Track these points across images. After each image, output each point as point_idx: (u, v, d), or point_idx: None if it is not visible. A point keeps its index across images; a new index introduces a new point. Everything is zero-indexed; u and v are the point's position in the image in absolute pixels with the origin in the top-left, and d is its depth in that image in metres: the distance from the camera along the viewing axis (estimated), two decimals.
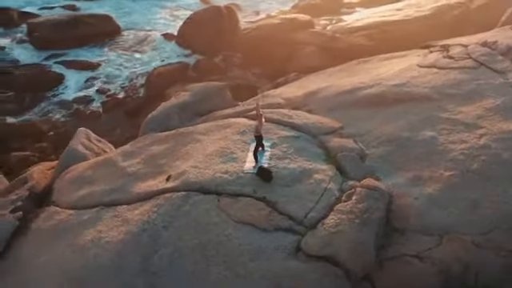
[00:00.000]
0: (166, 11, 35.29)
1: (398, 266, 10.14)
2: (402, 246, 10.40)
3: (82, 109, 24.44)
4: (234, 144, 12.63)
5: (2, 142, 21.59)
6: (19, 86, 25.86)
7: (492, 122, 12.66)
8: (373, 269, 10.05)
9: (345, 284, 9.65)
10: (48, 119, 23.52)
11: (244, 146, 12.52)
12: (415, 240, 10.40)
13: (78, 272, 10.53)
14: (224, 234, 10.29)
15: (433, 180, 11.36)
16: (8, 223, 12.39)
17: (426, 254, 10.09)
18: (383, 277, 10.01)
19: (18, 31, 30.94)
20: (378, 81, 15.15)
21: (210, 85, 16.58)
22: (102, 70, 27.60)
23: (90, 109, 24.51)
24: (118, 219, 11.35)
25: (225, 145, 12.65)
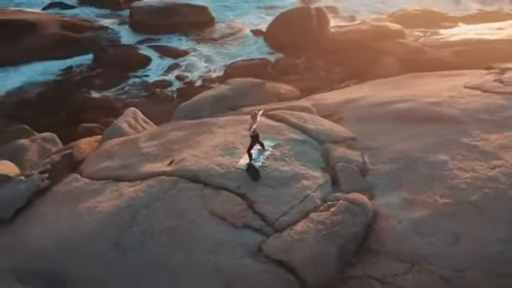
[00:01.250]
0: (261, 8, 35.99)
1: (359, 286, 9.79)
2: (370, 267, 9.96)
3: (158, 92, 25.88)
4: (240, 139, 12.82)
5: (79, 113, 23.64)
6: (110, 64, 27.99)
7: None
8: (334, 283, 9.79)
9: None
10: (125, 97, 25.25)
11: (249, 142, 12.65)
12: (385, 263, 9.90)
13: (66, 234, 11.40)
14: (194, 222, 10.58)
15: (424, 205, 10.71)
16: (32, 183, 13.67)
17: (390, 279, 9.58)
18: None
19: (123, 14, 33.37)
20: (414, 96, 14.48)
21: (249, 81, 16.84)
22: (186, 58, 28.96)
23: (166, 93, 25.87)
24: (115, 193, 12.08)
25: (232, 139, 12.90)
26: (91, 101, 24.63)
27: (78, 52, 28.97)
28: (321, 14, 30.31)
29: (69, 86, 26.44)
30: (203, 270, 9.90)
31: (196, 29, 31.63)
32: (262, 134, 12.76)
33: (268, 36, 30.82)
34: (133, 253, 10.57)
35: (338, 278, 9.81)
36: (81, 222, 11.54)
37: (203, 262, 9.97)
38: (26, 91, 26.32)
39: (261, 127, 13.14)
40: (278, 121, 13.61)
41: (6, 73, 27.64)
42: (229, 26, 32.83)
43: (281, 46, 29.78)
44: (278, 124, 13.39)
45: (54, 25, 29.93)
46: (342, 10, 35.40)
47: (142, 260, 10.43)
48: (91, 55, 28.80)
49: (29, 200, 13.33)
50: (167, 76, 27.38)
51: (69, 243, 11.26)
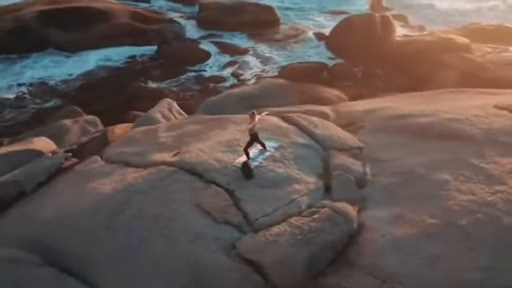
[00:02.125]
0: (328, 12, 35.68)
1: None
2: (344, 278, 9.79)
3: (211, 87, 26.47)
4: (247, 138, 12.88)
5: (133, 100, 24.69)
6: (171, 56, 28.99)
7: None
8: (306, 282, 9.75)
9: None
10: (178, 90, 26.06)
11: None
12: (358, 277, 9.69)
13: (67, 210, 12.04)
14: (179, 212, 10.85)
15: (411, 223, 10.33)
16: (55, 160, 14.54)
17: None
18: None
19: (192, 9, 34.38)
20: (437, 112, 13.90)
21: (276, 81, 16.87)
22: (245, 56, 29.38)
23: (218, 88, 26.41)
24: (120, 177, 12.60)
25: (239, 137, 13.02)
26: (146, 90, 25.64)
27: (144, 42, 30.22)
28: (386, 21, 29.65)
29: (129, 74, 27.68)
30: (177, 259, 10.17)
31: (260, 28, 31.96)
32: (268, 135, 12.89)
33: (330, 40, 30.59)
34: (121, 235, 11.00)
35: (308, 285, 9.76)
36: (81, 201, 12.13)
37: (179, 251, 10.24)
38: (89, 75, 27.85)
39: (271, 128, 13.28)
40: (290, 123, 13.59)
41: (77, 57, 29.38)
42: (293, 27, 32.89)
43: (341, 51, 29.46)
44: (288, 126, 13.38)
45: (125, 15, 31.40)
46: (412, 19, 34.35)
47: (128, 243, 10.87)
48: (155, 46, 29.92)
49: (50, 176, 14.19)
50: (223, 72, 27.93)
51: (68, 219, 11.86)
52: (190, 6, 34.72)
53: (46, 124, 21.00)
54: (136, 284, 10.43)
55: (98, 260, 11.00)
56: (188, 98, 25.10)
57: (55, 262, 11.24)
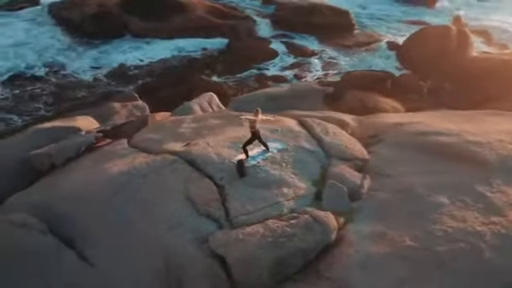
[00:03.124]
0: (408, 22, 34.48)
1: None
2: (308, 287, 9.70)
3: (270, 86, 26.60)
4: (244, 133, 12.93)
5: (192, 91, 25.43)
6: (240, 52, 29.53)
7: None
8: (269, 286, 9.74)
9: (221, 284, 9.69)
10: (238, 86, 26.48)
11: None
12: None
13: (80, 185, 12.80)
14: (166, 199, 11.23)
15: (390, 242, 9.93)
16: (86, 138, 15.44)
17: None
18: None
19: (270, 8, 34.71)
20: (462, 132, 13.20)
21: (308, 85, 16.69)
22: (312, 59, 29.25)
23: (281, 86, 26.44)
24: (130, 160, 13.18)
25: (243, 135, 13.06)
26: (206, 82, 26.32)
27: (217, 36, 31.00)
28: (463, 36, 28.22)
29: (196, 65, 28.59)
30: (154, 244, 10.53)
31: (333, 32, 31.63)
32: (276, 136, 12.91)
33: (401, 50, 29.64)
34: (114, 214, 11.56)
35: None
36: (93, 178, 12.87)
37: (157, 236, 10.59)
38: (161, 63, 29.08)
39: (282, 129, 13.25)
40: (304, 127, 13.50)
41: (153, 45, 30.77)
42: (367, 34, 32.21)
43: (411, 62, 28.47)
44: (300, 130, 13.31)
45: (202, 8, 32.41)
46: (497, 38, 32.35)
47: (119, 222, 11.39)
48: (227, 41, 30.61)
49: (80, 152, 15.12)
50: (286, 72, 28.01)
51: (77, 194, 12.61)
52: (269, 4, 35.07)
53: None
54: (120, 263, 10.92)
55: (94, 235, 11.62)
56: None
57: (59, 231, 11.96)
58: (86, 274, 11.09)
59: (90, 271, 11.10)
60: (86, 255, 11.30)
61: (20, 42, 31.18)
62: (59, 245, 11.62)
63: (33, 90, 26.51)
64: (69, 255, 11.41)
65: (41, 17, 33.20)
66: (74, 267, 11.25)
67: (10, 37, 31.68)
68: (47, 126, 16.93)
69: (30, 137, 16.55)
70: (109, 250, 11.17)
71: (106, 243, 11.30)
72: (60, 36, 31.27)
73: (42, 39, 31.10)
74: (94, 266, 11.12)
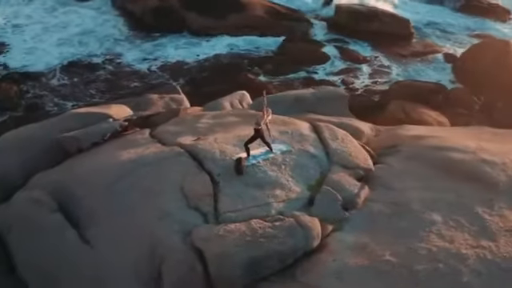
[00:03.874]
0: (472, 35, 33.01)
1: None
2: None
3: None
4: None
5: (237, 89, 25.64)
6: (291, 54, 29.58)
7: None
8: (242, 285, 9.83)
9: (197, 279, 9.87)
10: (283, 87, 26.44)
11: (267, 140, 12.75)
12: None
13: (95, 168, 13.32)
14: (162, 189, 11.51)
15: (370, 255, 9.72)
16: (112, 125, 16.02)
17: None
18: None
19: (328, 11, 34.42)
20: (478, 151, 12.61)
21: (333, 90, 16.44)
22: (363, 66, 28.78)
23: None
24: (143, 149, 13.57)
25: (241, 133, 13.12)
26: (251, 81, 26.51)
27: (271, 36, 31.16)
28: None
29: (246, 64, 28.91)
30: (144, 231, 10.87)
31: (389, 40, 30.85)
32: (284, 138, 12.90)
33: (457, 63, 28.51)
34: (116, 199, 12.03)
35: (245, 286, 9.81)
36: (106, 163, 13.38)
37: (147, 224, 10.92)
38: (214, 60, 29.65)
39: (291, 131, 13.21)
40: (315, 131, 13.39)
41: (208, 42, 31.39)
42: (425, 44, 31.18)
43: (466, 76, 27.31)
44: (309, 134, 13.20)
45: (260, 8, 32.68)
46: None
47: (119, 208, 11.83)
48: (280, 42, 30.72)
49: (105, 138, 15.72)
50: (334, 77, 27.74)
51: (90, 176, 13.18)
52: (327, 7, 34.81)
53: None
54: (115, 247, 11.35)
55: (96, 217, 12.15)
56: None
57: (67, 211, 12.59)
58: (85, 255, 11.62)
59: (89, 252, 11.62)
60: (87, 236, 11.84)
61: (86, 30, 32.74)
62: (64, 224, 12.24)
63: (89, 77, 27.81)
64: (71, 234, 11.99)
65: (105, 7, 34.69)
66: (75, 247, 11.81)
67: (78, 25, 33.34)
68: (81, 111, 17.75)
69: (64, 120, 17.39)
70: (107, 232, 11.64)
71: (105, 226, 11.79)
72: (121, 27, 32.57)
73: (105, 29, 32.52)
74: (93, 247, 11.64)
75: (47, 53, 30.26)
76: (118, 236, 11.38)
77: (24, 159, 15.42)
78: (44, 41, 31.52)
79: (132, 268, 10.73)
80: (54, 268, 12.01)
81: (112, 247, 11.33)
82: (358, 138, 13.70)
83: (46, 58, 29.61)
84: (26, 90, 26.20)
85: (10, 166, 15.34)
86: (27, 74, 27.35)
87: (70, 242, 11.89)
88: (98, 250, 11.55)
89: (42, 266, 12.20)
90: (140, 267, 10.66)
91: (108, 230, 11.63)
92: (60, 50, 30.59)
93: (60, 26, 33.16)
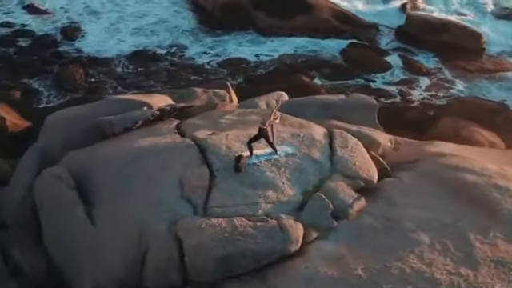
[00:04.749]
0: None
1: None
2: None
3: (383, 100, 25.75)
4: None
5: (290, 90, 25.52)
6: (353, 59, 28.98)
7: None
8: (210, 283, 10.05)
9: (174, 267, 10.23)
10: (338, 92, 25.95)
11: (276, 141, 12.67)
12: None
13: (111, 152, 13.95)
14: (162, 178, 11.87)
15: (342, 267, 9.58)
16: (144, 113, 16.60)
17: None
18: None
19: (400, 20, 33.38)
20: (495, 175, 11.98)
21: (363, 98, 15.99)
22: (424, 78, 27.67)
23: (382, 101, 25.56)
24: (159, 138, 13.88)
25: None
26: (305, 83, 26.20)
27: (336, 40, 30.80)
28: None
29: (304, 65, 28.73)
30: (137, 216, 11.31)
31: (457, 53, 29.20)
32: (294, 141, 12.84)
33: None
34: (122, 182, 12.53)
35: (216, 281, 10.00)
36: (125, 147, 13.95)
37: (141, 210, 11.36)
38: (273, 60, 29.67)
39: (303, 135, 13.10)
40: (329, 137, 13.24)
41: (271, 42, 31.41)
42: (496, 61, 29.28)
43: None
44: (321, 140, 13.01)
45: (328, 12, 32.27)
46: None
47: (123, 191, 12.33)
48: (343, 47, 30.28)
49: (136, 125, 16.34)
50: (392, 87, 26.88)
51: (108, 158, 13.82)
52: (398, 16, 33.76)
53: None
54: (112, 227, 11.89)
55: (102, 197, 12.77)
56: None
57: (83, 189, 13.25)
58: (87, 232, 12.25)
59: (91, 229, 12.24)
60: (93, 215, 12.46)
61: (159, 21, 33.79)
62: (77, 201, 12.86)
63: (151, 67, 28.74)
64: (81, 212, 12.59)
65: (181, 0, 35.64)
66: (83, 224, 12.46)
67: (152, 15, 34.48)
68: (123, 97, 18.57)
69: (108, 104, 18.25)
70: (108, 213, 12.21)
71: (108, 207, 12.36)
72: (191, 20, 33.35)
73: (176, 21, 33.42)
74: (95, 226, 12.23)
75: (120, 41, 31.54)
76: (116, 217, 11.89)
77: (66, 137, 16.34)
78: (119, 29, 32.97)
79: (122, 250, 11.20)
80: (68, 242, 12.79)
81: (110, 227, 11.86)
82: (372, 148, 13.35)
83: (119, 45, 30.84)
84: (91, 75, 27.45)
85: (53, 142, 16.34)
86: (95, 60, 28.64)
87: (78, 219, 12.53)
88: (98, 229, 12.12)
89: (60, 239, 13.02)
90: (128, 250, 11.12)
91: (109, 210, 12.19)
92: (133, 39, 31.74)
93: (135, 16, 34.52)
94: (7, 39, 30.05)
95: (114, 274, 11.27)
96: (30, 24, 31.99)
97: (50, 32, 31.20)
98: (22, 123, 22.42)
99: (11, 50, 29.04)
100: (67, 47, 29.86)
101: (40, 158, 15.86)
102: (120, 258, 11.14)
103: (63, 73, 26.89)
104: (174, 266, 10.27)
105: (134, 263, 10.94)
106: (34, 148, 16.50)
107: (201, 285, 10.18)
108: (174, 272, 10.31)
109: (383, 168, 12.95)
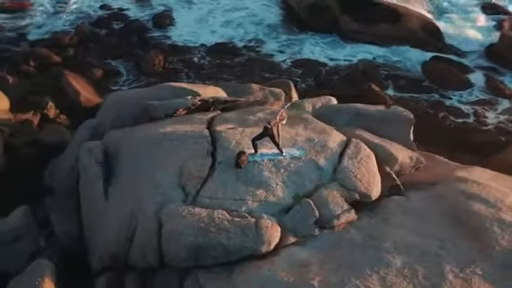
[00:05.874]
0: None
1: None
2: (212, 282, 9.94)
3: (441, 116, 24.51)
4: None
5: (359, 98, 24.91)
6: (431, 74, 27.66)
7: None
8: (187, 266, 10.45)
9: (152, 249, 10.80)
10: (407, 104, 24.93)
11: (289, 143, 12.79)
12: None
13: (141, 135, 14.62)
14: (168, 164, 12.35)
15: (301, 276, 9.58)
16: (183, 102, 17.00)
17: None
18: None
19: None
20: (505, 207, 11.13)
21: (400, 111, 15.21)
22: (504, 100, 25.78)
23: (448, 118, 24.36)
24: (185, 127, 14.27)
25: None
26: (375, 93, 25.51)
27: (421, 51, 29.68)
28: None
29: (379, 74, 28.00)
30: (135, 195, 11.92)
31: None
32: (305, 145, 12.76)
33: None
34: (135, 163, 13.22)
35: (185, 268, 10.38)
36: (150, 132, 14.53)
37: (142, 190, 11.91)
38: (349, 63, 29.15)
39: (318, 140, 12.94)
40: (344, 145, 13.02)
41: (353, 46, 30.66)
42: None
43: None
44: (334, 147, 12.78)
45: (417, 22, 30.94)
46: None
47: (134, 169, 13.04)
48: (425, 60, 29.08)
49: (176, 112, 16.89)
50: (467, 106, 25.37)
51: (132, 142, 14.35)
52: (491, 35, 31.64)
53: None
54: (117, 203, 12.63)
55: (118, 175, 13.53)
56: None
57: (108, 165, 14.16)
58: (102, 206, 13.08)
59: (104, 204, 13.04)
60: (109, 190, 13.25)
61: (248, 14, 34.47)
62: (99, 176, 13.71)
63: (227, 61, 29.43)
64: (99, 186, 13.46)
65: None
66: (99, 197, 13.31)
67: (242, 9, 35.23)
68: (176, 85, 19.24)
69: (161, 89, 19.08)
70: (118, 190, 12.95)
71: (119, 185, 13.10)
72: (277, 17, 33.69)
73: (263, 16, 33.90)
74: (107, 201, 13.02)
75: (208, 32, 32.63)
76: (122, 196, 12.61)
77: (116, 116, 17.40)
78: (208, 21, 34.06)
79: (118, 225, 11.88)
80: (90, 214, 13.77)
81: (116, 204, 12.62)
82: (388, 164, 12.86)
83: (204, 37, 31.82)
84: (170, 62, 28.70)
85: (106, 120, 17.51)
86: (176, 48, 29.87)
87: (97, 193, 13.42)
88: (109, 203, 12.90)
89: (86, 211, 14.06)
90: (122, 226, 11.82)
91: (119, 188, 12.94)
92: (219, 31, 32.68)
93: (226, 9, 35.40)
94: (103, 21, 32.26)
95: (109, 247, 12.00)
96: (128, 8, 34.08)
97: (142, 17, 33.07)
98: (95, 100, 23.99)
99: (103, 32, 31.17)
100: (154, 33, 31.48)
101: (91, 133, 17.01)
102: (115, 233, 11.84)
103: (144, 58, 28.38)
104: (152, 248, 10.73)
105: (125, 239, 11.57)
106: (88, 123, 17.81)
107: (174, 270, 10.53)
108: (152, 254, 10.78)
109: (395, 185, 12.48)
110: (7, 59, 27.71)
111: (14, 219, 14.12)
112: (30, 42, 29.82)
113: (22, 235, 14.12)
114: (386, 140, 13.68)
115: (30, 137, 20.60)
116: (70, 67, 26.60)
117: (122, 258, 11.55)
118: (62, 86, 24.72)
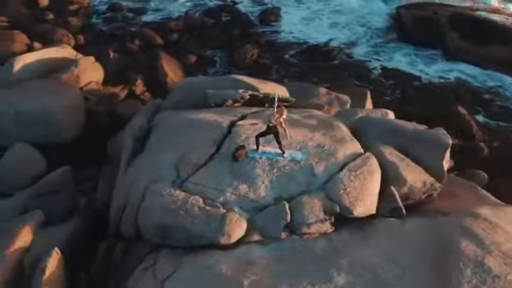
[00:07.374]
0: None
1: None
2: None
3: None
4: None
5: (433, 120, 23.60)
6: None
7: None
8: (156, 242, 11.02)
9: (132, 223, 11.54)
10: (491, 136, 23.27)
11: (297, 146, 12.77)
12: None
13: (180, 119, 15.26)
14: (177, 146, 13.04)
15: (237, 274, 9.67)
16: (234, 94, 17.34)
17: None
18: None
19: None
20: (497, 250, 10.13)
21: (436, 133, 14.08)
22: None
23: None
24: (214, 116, 14.70)
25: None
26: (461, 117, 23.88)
27: None
28: None
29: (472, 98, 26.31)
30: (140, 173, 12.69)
31: None
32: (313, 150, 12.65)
33: None
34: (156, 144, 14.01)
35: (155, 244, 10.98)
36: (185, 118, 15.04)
37: (146, 168, 12.65)
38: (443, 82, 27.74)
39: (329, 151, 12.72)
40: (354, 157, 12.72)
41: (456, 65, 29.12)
42: None
43: None
44: (341, 157, 12.45)
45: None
46: None
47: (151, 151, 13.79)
48: None
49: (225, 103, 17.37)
50: None
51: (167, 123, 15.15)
52: None
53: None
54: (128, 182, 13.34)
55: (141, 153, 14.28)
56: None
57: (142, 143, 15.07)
58: (121, 176, 14.06)
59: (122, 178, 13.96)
60: (129, 165, 14.14)
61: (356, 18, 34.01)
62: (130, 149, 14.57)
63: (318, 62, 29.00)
64: (125, 159, 14.35)
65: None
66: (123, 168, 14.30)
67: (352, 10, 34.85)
68: (238, 77, 19.73)
69: (224, 80, 19.73)
70: (135, 164, 13.76)
71: (139, 159, 13.89)
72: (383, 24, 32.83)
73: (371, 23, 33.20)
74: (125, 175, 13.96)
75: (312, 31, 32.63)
76: (135, 169, 13.38)
77: (179, 99, 18.47)
78: (314, 20, 34.06)
79: (122, 200, 12.66)
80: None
81: (128, 175, 13.42)
82: (394, 184, 12.26)
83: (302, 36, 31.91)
84: (263, 57, 29.27)
85: (169, 101, 18.65)
86: (272, 44, 30.38)
87: (121, 168, 14.40)
88: (123, 179, 13.74)
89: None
90: (122, 197, 12.62)
91: (137, 162, 13.73)
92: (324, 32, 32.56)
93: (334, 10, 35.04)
94: (213, 11, 33.75)
95: (112, 215, 12.91)
96: (241, 2, 35.21)
97: (251, 12, 34.00)
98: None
99: (210, 22, 32.64)
100: (258, 29, 32.27)
101: (153, 111, 18.18)
102: (117, 203, 12.70)
103: (239, 50, 29.17)
104: (132, 220, 11.39)
105: (121, 210, 12.37)
106: (153, 102, 19.11)
107: (147, 244, 11.12)
108: (132, 226, 11.44)
109: (397, 207, 11.90)
110: (118, 37, 30.28)
111: (54, 175, 15.61)
112: (142, 23, 32.15)
113: (60, 190, 15.50)
114: (406, 160, 13.00)
115: (110, 108, 22.57)
116: (169, 50, 28.33)
117: (115, 227, 12.39)
118: (155, 67, 26.39)
